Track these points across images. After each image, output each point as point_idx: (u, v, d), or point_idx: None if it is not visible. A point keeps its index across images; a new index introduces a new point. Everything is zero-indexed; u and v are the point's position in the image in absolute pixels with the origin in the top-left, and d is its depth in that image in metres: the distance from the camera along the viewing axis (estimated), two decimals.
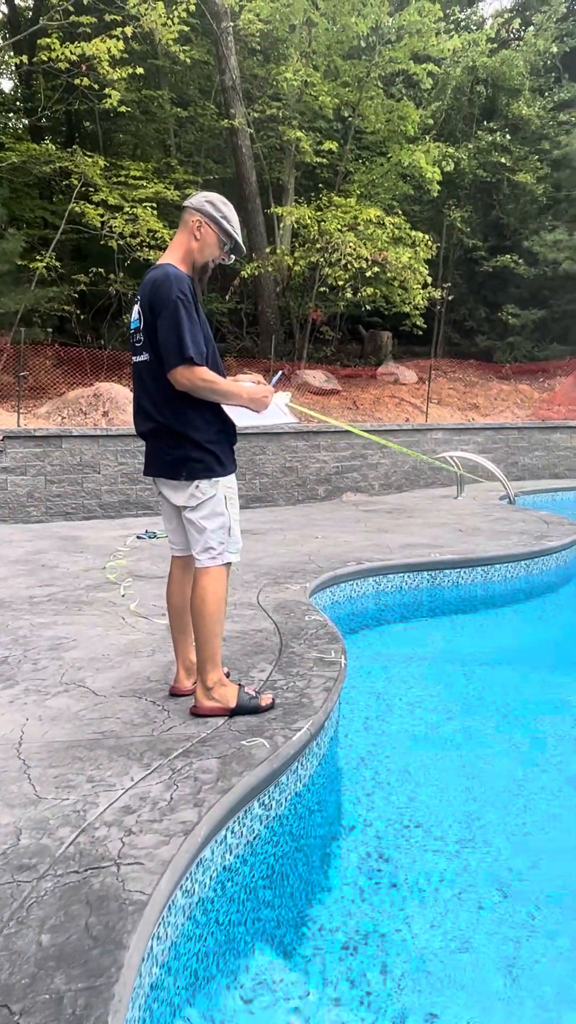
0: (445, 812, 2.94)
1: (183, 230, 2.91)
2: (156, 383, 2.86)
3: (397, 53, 13.81)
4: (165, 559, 6.01)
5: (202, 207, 2.87)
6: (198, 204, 2.88)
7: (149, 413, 2.91)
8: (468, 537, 6.92)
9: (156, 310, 2.77)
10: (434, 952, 2.20)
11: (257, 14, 12.63)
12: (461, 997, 2.04)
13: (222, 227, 2.89)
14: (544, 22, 17.68)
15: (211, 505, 2.89)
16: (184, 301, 2.75)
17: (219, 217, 2.87)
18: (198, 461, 2.86)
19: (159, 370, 2.82)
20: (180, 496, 2.92)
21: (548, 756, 3.49)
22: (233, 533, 2.94)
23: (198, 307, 2.86)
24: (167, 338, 2.74)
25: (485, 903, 2.42)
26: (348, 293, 12.96)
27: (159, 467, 2.96)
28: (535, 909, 2.40)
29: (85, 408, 9.56)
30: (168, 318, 2.73)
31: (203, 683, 2.94)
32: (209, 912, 2.17)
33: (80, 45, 10.34)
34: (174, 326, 2.73)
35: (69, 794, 2.36)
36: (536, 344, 18.39)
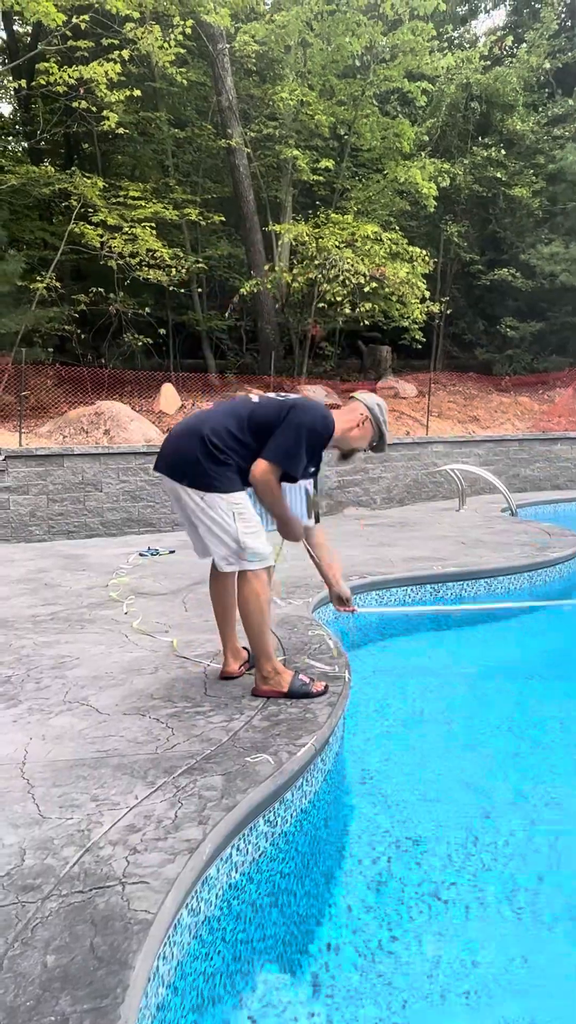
0: (452, 827, 2.91)
1: (351, 415, 3.39)
2: (236, 417, 3.22)
3: (391, 72, 13.96)
4: (167, 576, 6.01)
5: (372, 408, 3.39)
6: (370, 404, 3.40)
7: (199, 416, 3.28)
8: (471, 550, 6.91)
9: (295, 411, 3.17)
10: (443, 969, 2.17)
11: (253, 35, 12.79)
12: (471, 1015, 2.02)
13: (380, 429, 3.42)
14: (536, 39, 17.88)
15: (212, 513, 3.17)
16: (315, 438, 3.18)
17: (381, 421, 3.40)
18: (204, 475, 3.15)
19: (250, 418, 3.21)
20: (184, 499, 3.24)
21: (554, 769, 3.47)
22: (246, 545, 3.17)
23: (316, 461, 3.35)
24: (285, 439, 3.13)
25: (494, 918, 2.40)
26: (347, 309, 13.02)
27: (165, 466, 3.26)
28: (546, 923, 2.38)
29: (86, 427, 9.59)
30: (296, 430, 3.13)
31: (259, 672, 3.35)
32: (215, 931, 2.15)
33: (78, 69, 10.46)
34: (295, 440, 3.13)
35: (73, 813, 2.34)
36: (535, 356, 18.44)
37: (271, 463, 3.12)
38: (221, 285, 16.28)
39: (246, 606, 3.24)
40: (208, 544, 3.28)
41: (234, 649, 3.62)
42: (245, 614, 3.25)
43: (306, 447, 3.16)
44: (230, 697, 3.36)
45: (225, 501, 3.16)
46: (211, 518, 3.19)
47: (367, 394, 3.48)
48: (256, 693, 3.35)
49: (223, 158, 14.76)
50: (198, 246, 14.85)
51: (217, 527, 3.19)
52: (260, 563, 3.21)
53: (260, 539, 3.21)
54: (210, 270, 14.82)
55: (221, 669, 3.63)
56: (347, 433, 3.37)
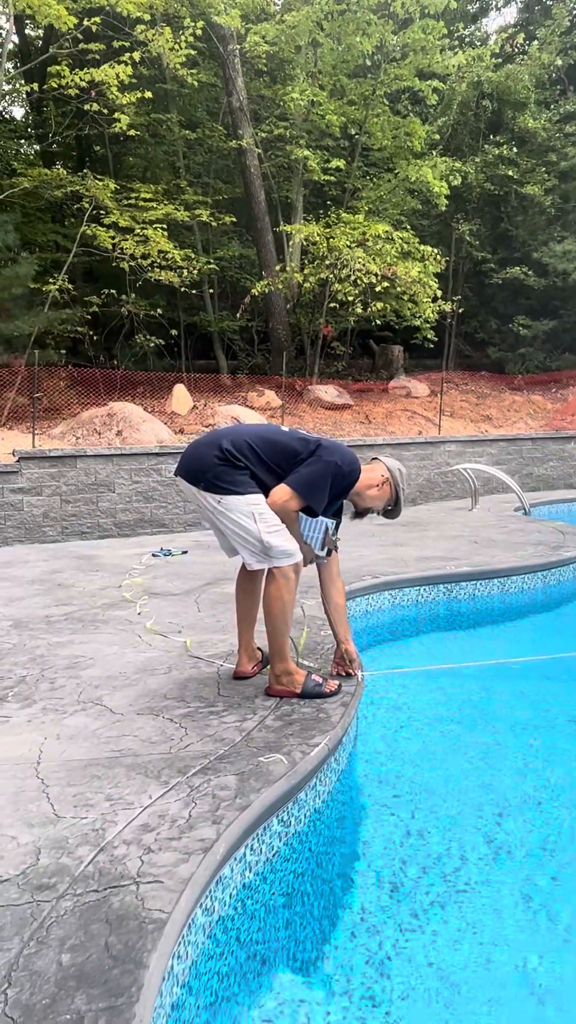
0: (467, 827, 2.90)
1: (372, 474, 3.46)
2: (261, 437, 3.29)
3: (402, 70, 13.93)
4: (180, 576, 6.02)
5: (393, 472, 3.48)
6: (392, 468, 3.49)
7: (229, 433, 3.31)
8: (484, 549, 6.88)
9: (324, 449, 3.26)
10: (459, 970, 2.17)
11: (263, 36, 12.80)
12: (488, 1015, 2.01)
13: (397, 492, 3.50)
14: (548, 36, 17.78)
15: (235, 518, 3.20)
16: (341, 479, 3.25)
17: (400, 487, 3.50)
18: (217, 478, 3.20)
19: (275, 441, 3.28)
20: (201, 501, 3.28)
21: (568, 768, 3.45)
22: (271, 544, 3.18)
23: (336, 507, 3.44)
24: (312, 473, 3.20)
25: (509, 918, 2.39)
26: (358, 308, 13.00)
27: (184, 471, 3.30)
28: (562, 923, 2.37)
29: (99, 428, 9.63)
30: (326, 466, 3.21)
31: (272, 672, 3.37)
32: (229, 930, 2.16)
33: (89, 71, 10.50)
34: (324, 476, 3.20)
35: (88, 813, 2.35)
36: (548, 355, 18.34)
37: (294, 492, 3.18)
38: (232, 286, 16.30)
39: (270, 606, 3.26)
40: (235, 546, 3.32)
41: (249, 649, 3.63)
42: (268, 613, 3.27)
43: (330, 486, 3.22)
44: (243, 697, 3.36)
45: (242, 502, 3.19)
46: (232, 520, 3.21)
47: (390, 459, 3.56)
48: (269, 693, 3.36)
49: (234, 159, 14.78)
50: (209, 247, 14.87)
51: (240, 529, 3.21)
52: (289, 560, 3.21)
53: (283, 536, 3.21)
54: (221, 271, 14.84)
55: (234, 669, 3.65)
56: (367, 490, 3.43)
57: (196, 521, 8.72)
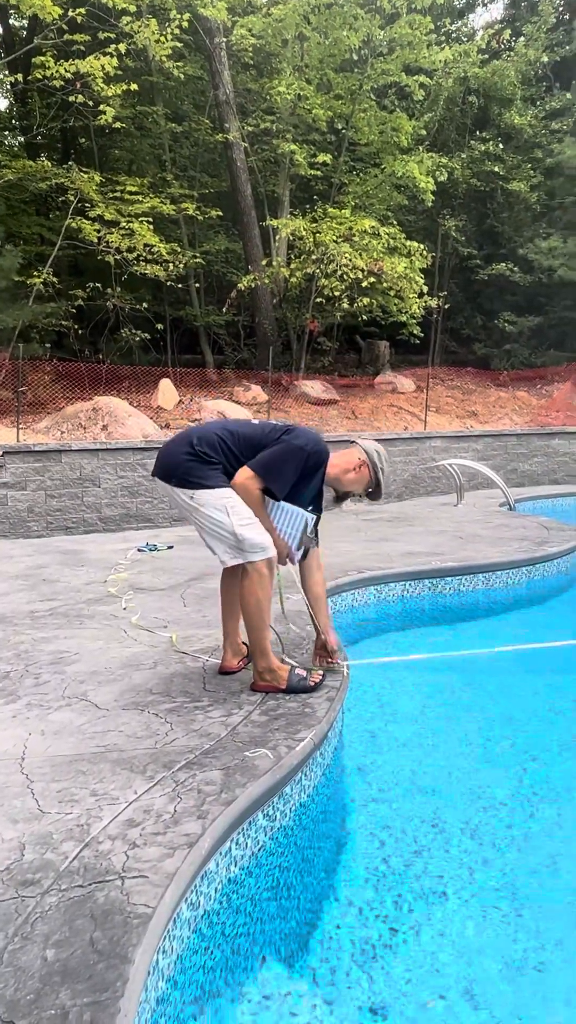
0: (452, 820, 2.92)
1: (348, 457, 3.45)
2: (230, 432, 3.28)
3: (389, 65, 13.91)
4: (166, 571, 6.01)
5: (371, 454, 3.44)
6: (370, 450, 3.45)
7: (201, 427, 3.35)
8: (469, 544, 6.91)
9: (289, 434, 3.24)
10: (443, 962, 2.18)
11: (249, 29, 12.74)
12: (471, 1008, 2.03)
13: (376, 477, 3.45)
14: (534, 32, 17.82)
15: (208, 513, 3.19)
16: (305, 462, 3.21)
17: (378, 468, 3.44)
18: (188, 473, 3.22)
19: (243, 435, 3.27)
20: (176, 499, 3.30)
21: (554, 762, 3.48)
22: (244, 536, 3.17)
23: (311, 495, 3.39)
24: (272, 454, 3.18)
25: (492, 911, 2.40)
26: (345, 303, 13.00)
27: (161, 467, 3.32)
28: (544, 915, 2.39)
29: (84, 422, 9.58)
30: (286, 448, 3.19)
31: (256, 668, 3.37)
32: (214, 925, 2.16)
33: (74, 63, 10.41)
34: (283, 457, 3.18)
35: (72, 808, 2.35)
36: (533, 351, 18.42)
37: (253, 472, 3.17)
38: (219, 280, 16.24)
39: (245, 603, 3.27)
40: (208, 542, 3.31)
41: (235, 644, 3.63)
42: (244, 610, 3.29)
43: (295, 468, 3.20)
44: (229, 692, 3.36)
45: (214, 496, 3.19)
46: (205, 516, 3.22)
47: (368, 441, 3.53)
48: (255, 688, 3.37)
49: (220, 152, 14.72)
50: (195, 241, 14.81)
51: (212, 523, 3.21)
52: (262, 554, 3.20)
53: (256, 529, 3.20)
54: (207, 265, 14.78)
55: (220, 664, 3.64)
56: (344, 475, 3.42)
57: (182, 516, 8.69)
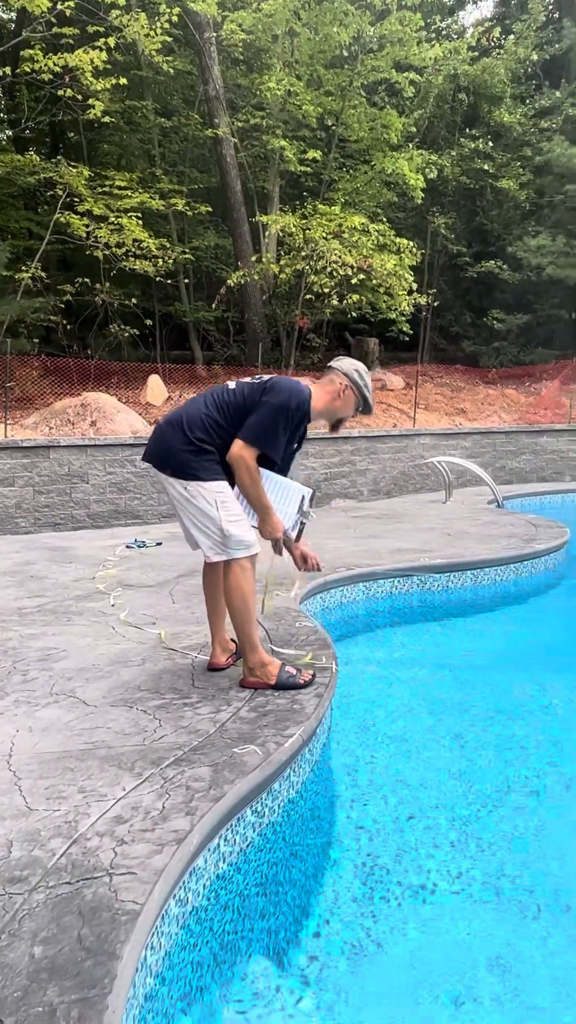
0: (440, 816, 2.93)
1: (330, 386, 3.36)
2: (214, 401, 3.26)
3: (379, 62, 13.90)
4: (154, 568, 5.99)
5: (350, 374, 3.34)
6: (347, 371, 3.35)
7: (184, 407, 3.31)
8: (457, 541, 6.94)
9: (271, 396, 3.16)
10: (431, 957, 2.19)
11: (240, 24, 12.69)
12: (458, 1003, 2.04)
13: (362, 392, 3.36)
14: (524, 30, 17.86)
15: (200, 507, 3.19)
16: (291, 417, 3.16)
17: (362, 385, 3.35)
18: (185, 464, 3.19)
19: (227, 404, 3.23)
20: (169, 488, 3.28)
21: (540, 758, 3.49)
22: (230, 533, 3.19)
23: (297, 437, 3.35)
24: (260, 420, 3.13)
25: (481, 907, 2.42)
26: (334, 300, 12.99)
27: (155, 454, 3.28)
28: (532, 911, 2.40)
29: (72, 418, 9.53)
30: (271, 411, 3.13)
31: (246, 664, 3.36)
32: (203, 921, 2.16)
33: (63, 56, 10.35)
34: (274, 424, 3.13)
35: (60, 805, 2.34)
36: (521, 349, 18.49)
37: (246, 443, 3.13)
38: (208, 276, 16.20)
39: (231, 598, 3.27)
40: (194, 534, 3.30)
41: (222, 641, 3.63)
42: (230, 606, 3.29)
43: (284, 427, 3.17)
44: (217, 688, 3.36)
45: (207, 490, 3.19)
46: (196, 507, 3.21)
47: (344, 360, 3.44)
48: (244, 685, 3.36)
49: (210, 148, 14.67)
50: (185, 237, 14.76)
51: (202, 516, 3.21)
52: (245, 551, 3.22)
53: (243, 527, 3.22)
54: (197, 261, 14.74)
55: (209, 660, 3.64)
56: (331, 404, 3.37)
57: (171, 512, 8.69)
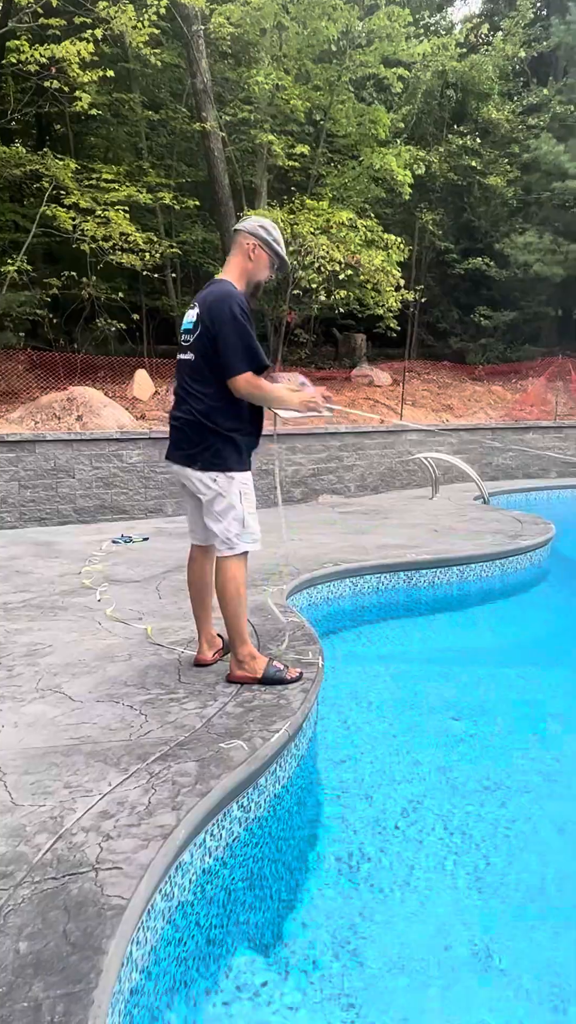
0: (424, 810, 2.95)
1: (238, 252, 3.26)
2: (194, 380, 3.19)
3: (367, 57, 13.87)
4: (141, 563, 5.98)
5: (255, 232, 3.22)
6: (252, 229, 3.23)
7: (182, 403, 3.25)
8: (443, 537, 6.96)
9: (217, 323, 3.07)
10: (415, 951, 2.21)
11: (227, 18, 12.62)
12: (442, 996, 2.05)
13: (273, 249, 3.26)
14: (512, 27, 17.88)
15: (227, 498, 3.20)
16: (245, 317, 3.08)
17: (271, 240, 3.24)
18: (215, 454, 3.17)
19: (202, 370, 3.15)
20: (196, 486, 3.23)
21: (523, 752, 3.52)
22: (248, 525, 3.24)
23: (252, 323, 3.18)
24: (233, 349, 3.05)
25: (464, 899, 2.43)
26: (322, 296, 12.97)
27: (180, 455, 3.26)
28: (515, 904, 2.42)
29: (59, 412, 9.48)
30: (233, 331, 3.05)
31: (235, 656, 3.35)
32: (189, 915, 2.16)
33: (50, 47, 10.25)
34: (240, 339, 3.05)
35: (46, 800, 2.34)
36: (508, 346, 18.55)
37: (238, 372, 3.07)
38: (195, 270, 16.12)
39: (224, 590, 3.27)
40: (213, 529, 3.26)
41: (209, 636, 3.62)
42: (223, 598, 3.28)
43: (248, 330, 3.08)
44: (204, 684, 3.36)
45: (235, 483, 3.21)
46: (221, 500, 3.21)
47: (247, 220, 3.31)
48: (230, 679, 3.36)
49: (197, 142, 14.59)
50: (172, 231, 14.69)
51: (225, 507, 3.21)
52: (254, 544, 3.28)
53: (256, 518, 3.29)
54: (184, 255, 14.67)
55: (195, 656, 3.64)
56: (247, 272, 3.26)
57: (157, 508, 8.67)
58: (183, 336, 3.27)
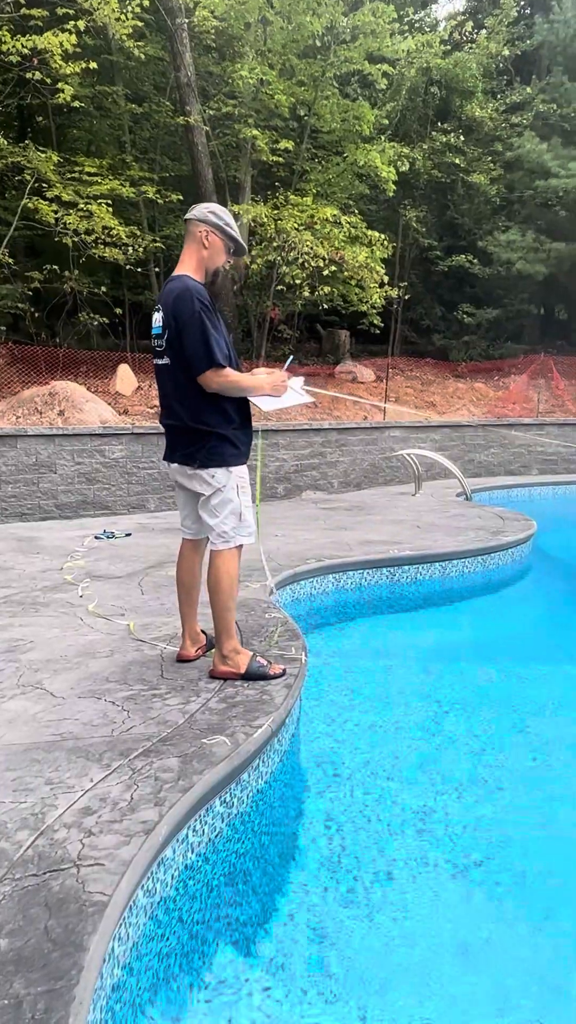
0: (406, 804, 2.96)
1: (191, 242, 3.22)
2: (174, 384, 3.18)
3: (352, 53, 13.85)
4: (123, 559, 5.96)
5: (206, 218, 3.18)
6: (202, 216, 3.19)
7: (169, 410, 3.25)
8: (426, 533, 6.99)
9: (180, 320, 3.06)
10: (397, 944, 2.22)
11: (212, 11, 12.56)
12: (423, 989, 2.06)
13: (226, 233, 3.22)
14: (496, 25, 17.93)
15: (224, 493, 3.20)
16: (206, 311, 3.06)
17: (223, 225, 3.20)
18: (212, 452, 3.17)
19: (178, 373, 3.14)
20: (195, 483, 3.24)
21: (506, 747, 3.54)
22: (244, 518, 3.25)
23: (216, 312, 3.18)
24: (195, 346, 3.04)
25: (444, 893, 2.45)
26: (306, 292, 12.97)
27: (178, 455, 3.27)
28: (496, 897, 2.44)
29: (40, 407, 9.41)
30: (194, 328, 3.03)
31: (220, 651, 3.33)
32: (171, 911, 2.16)
33: (32, 38, 10.15)
34: (201, 335, 3.03)
35: (27, 797, 2.32)
36: (491, 343, 18.64)
37: (208, 370, 3.05)
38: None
39: (218, 583, 3.25)
40: (209, 523, 3.25)
41: (193, 632, 3.61)
42: (216, 590, 3.26)
43: (209, 326, 3.05)
44: (187, 680, 3.35)
45: (232, 477, 3.21)
46: (219, 494, 3.20)
47: (196, 207, 3.26)
48: (213, 674, 3.35)
49: (181, 135, 14.51)
50: (155, 225, 14.61)
51: (222, 501, 3.21)
52: (248, 538, 3.28)
53: (252, 512, 3.31)
54: (168, 250, 14.59)
55: (178, 652, 3.62)
56: (204, 260, 3.22)
57: (140, 503, 8.63)
58: (155, 341, 3.25)
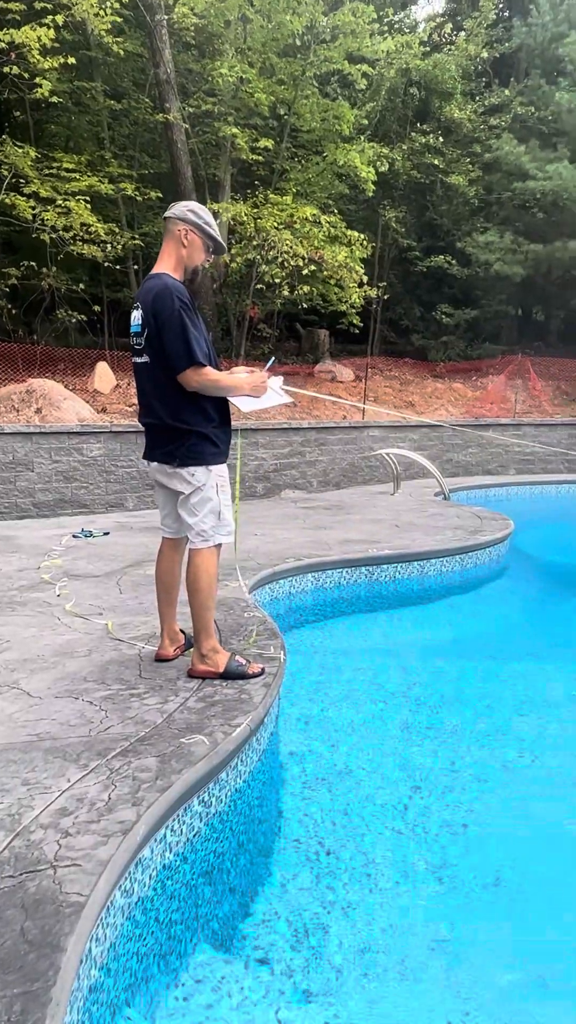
0: (385, 803, 2.97)
1: (170, 240, 3.21)
2: (154, 383, 3.16)
3: (332, 53, 13.87)
4: (102, 558, 5.92)
5: (185, 216, 3.17)
6: (181, 214, 3.18)
7: (148, 408, 3.23)
8: (405, 533, 7.02)
9: (160, 318, 3.04)
10: (376, 941, 2.22)
11: (191, 8, 12.52)
12: (403, 984, 2.07)
13: (206, 232, 3.20)
14: (475, 28, 18.05)
15: (203, 491, 3.19)
16: (185, 310, 3.04)
17: (202, 223, 3.19)
18: (191, 450, 3.16)
19: (157, 371, 3.11)
20: (175, 482, 3.22)
21: (484, 745, 3.57)
22: (223, 517, 3.25)
23: (195, 310, 3.15)
24: (174, 345, 3.02)
25: (424, 890, 2.46)
26: (285, 291, 12.97)
27: (158, 454, 3.25)
28: (474, 893, 2.46)
29: (17, 405, 9.33)
30: (174, 327, 3.01)
31: (198, 650, 3.32)
32: (149, 911, 2.15)
33: (9, 32, 10.06)
34: (181, 334, 3.01)
35: (3, 798, 2.30)
36: (469, 344, 18.77)
37: (188, 368, 3.03)
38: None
39: (197, 581, 3.24)
40: (188, 522, 3.23)
41: (171, 632, 3.60)
42: (194, 589, 3.25)
43: (189, 324, 3.03)
44: (165, 679, 3.34)
45: (211, 476, 3.19)
46: (199, 493, 3.19)
47: (175, 206, 3.25)
48: (192, 673, 3.34)
49: (160, 133, 14.45)
50: (134, 222, 14.54)
51: (202, 500, 3.19)
52: (227, 536, 3.28)
53: (231, 511, 3.31)
54: (147, 247, 14.53)
55: (156, 651, 3.61)
56: (183, 258, 3.20)
57: (118, 502, 8.59)
58: (134, 339, 3.22)
